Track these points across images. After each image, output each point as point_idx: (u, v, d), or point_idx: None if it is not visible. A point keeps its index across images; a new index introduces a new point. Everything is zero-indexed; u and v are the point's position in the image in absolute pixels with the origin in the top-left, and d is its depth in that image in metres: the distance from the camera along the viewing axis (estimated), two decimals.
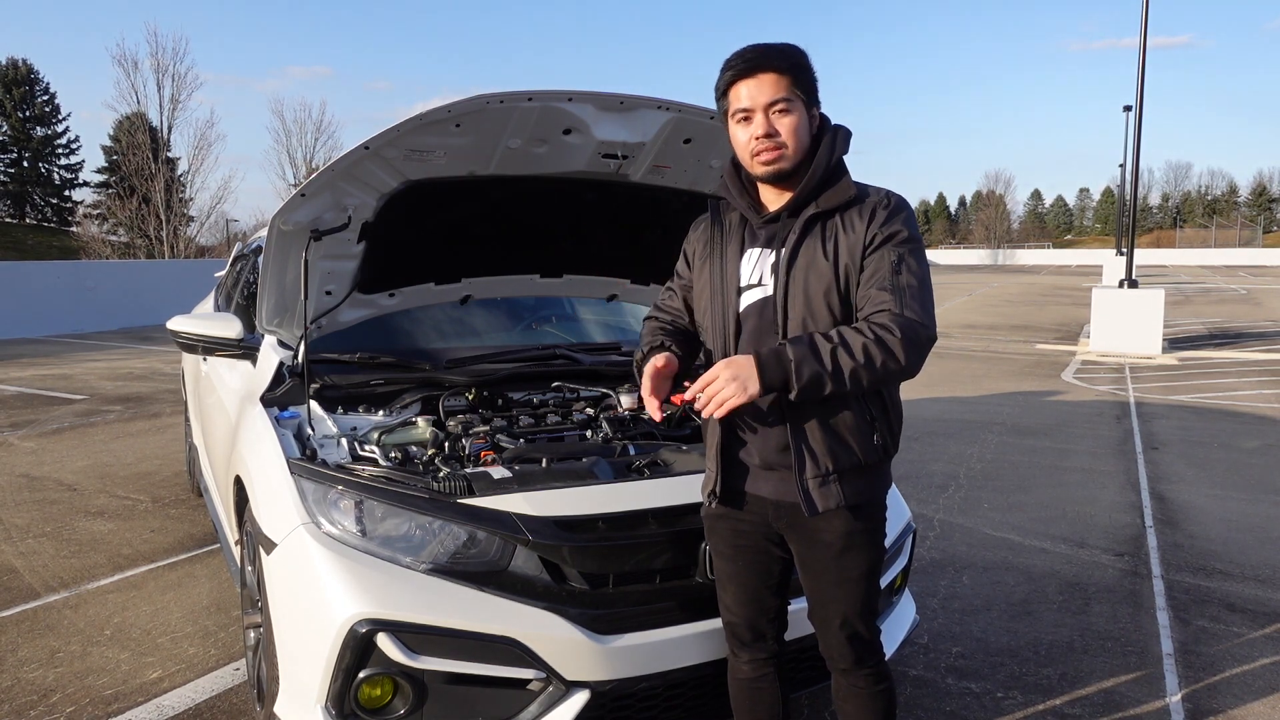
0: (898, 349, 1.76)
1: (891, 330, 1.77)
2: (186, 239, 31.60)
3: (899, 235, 1.85)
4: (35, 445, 6.95)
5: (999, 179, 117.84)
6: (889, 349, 1.76)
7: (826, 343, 1.77)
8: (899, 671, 3.17)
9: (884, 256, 1.83)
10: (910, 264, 1.84)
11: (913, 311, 1.79)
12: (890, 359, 1.76)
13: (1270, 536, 4.68)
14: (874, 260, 1.84)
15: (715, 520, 2.10)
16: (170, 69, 32.86)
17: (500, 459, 2.58)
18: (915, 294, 1.81)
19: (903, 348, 1.76)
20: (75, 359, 12.44)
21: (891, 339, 1.76)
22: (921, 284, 1.83)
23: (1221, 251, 64.03)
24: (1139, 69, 13.61)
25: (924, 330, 1.80)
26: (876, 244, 1.84)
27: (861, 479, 1.92)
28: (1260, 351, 12.45)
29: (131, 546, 4.56)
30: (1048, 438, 7.09)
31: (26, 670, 3.25)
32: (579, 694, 2.17)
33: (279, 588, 2.32)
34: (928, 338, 1.81)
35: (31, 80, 51.62)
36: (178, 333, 3.45)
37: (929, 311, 1.83)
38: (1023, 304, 23.31)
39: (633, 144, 2.91)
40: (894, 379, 1.83)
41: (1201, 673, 3.21)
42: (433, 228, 3.19)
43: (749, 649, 2.13)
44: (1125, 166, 35.24)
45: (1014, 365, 11.48)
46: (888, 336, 1.76)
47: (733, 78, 1.88)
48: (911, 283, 1.82)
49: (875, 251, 1.84)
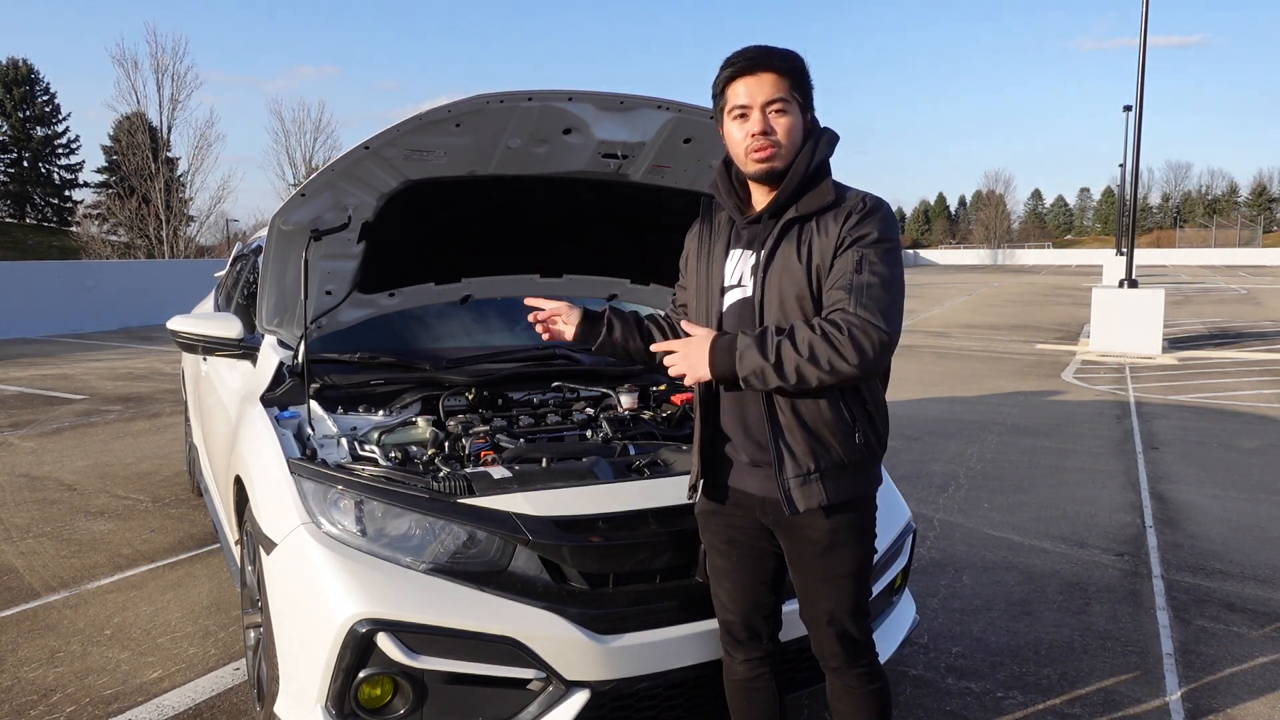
0: (845, 347, 1.74)
1: (840, 328, 1.75)
2: (186, 239, 31.58)
3: (868, 237, 1.83)
4: (35, 445, 6.95)
5: (999, 179, 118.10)
6: (835, 347, 1.74)
7: (776, 335, 1.79)
8: (899, 671, 3.17)
9: (849, 258, 1.82)
10: (873, 263, 1.80)
11: (866, 310, 1.76)
12: (836, 357, 1.74)
13: (1270, 536, 4.68)
14: (840, 261, 1.83)
15: (708, 517, 2.11)
16: (170, 68, 32.81)
17: (500, 459, 2.58)
18: (872, 293, 1.77)
19: (851, 346, 1.74)
20: (75, 359, 12.44)
21: (839, 337, 1.74)
22: (883, 283, 1.79)
23: (1221, 251, 64.01)
24: (1139, 69, 13.62)
25: (875, 330, 1.75)
26: (845, 245, 1.84)
27: (845, 477, 1.91)
28: (1260, 351, 12.45)
29: (131, 546, 4.56)
30: (1048, 437, 7.09)
31: (27, 670, 3.25)
32: (579, 694, 2.17)
33: (279, 587, 2.32)
34: (880, 338, 1.75)
35: (31, 80, 51.61)
36: (178, 333, 3.45)
37: (888, 312, 1.78)
38: (1023, 304, 23.30)
39: (633, 144, 2.91)
40: (847, 378, 1.78)
41: (1201, 672, 3.21)
42: (433, 228, 3.19)
43: (744, 648, 2.14)
44: (1125, 166, 35.27)
45: (1014, 365, 11.48)
46: (834, 334, 1.75)
47: (732, 75, 1.89)
48: (871, 281, 1.78)
49: (843, 253, 1.83)
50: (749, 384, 1.82)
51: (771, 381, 1.79)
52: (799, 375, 1.77)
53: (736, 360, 1.80)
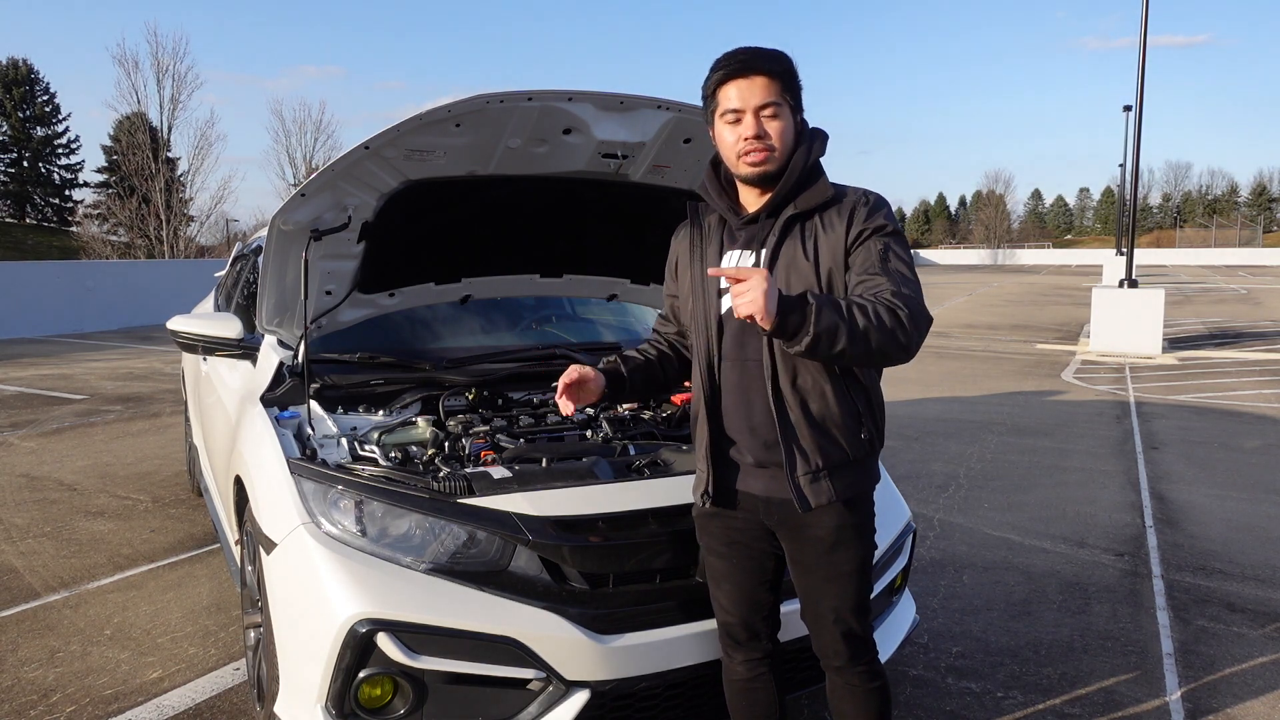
0: (907, 321, 1.74)
1: (900, 306, 1.74)
2: (186, 239, 31.53)
3: (885, 228, 1.87)
4: (35, 445, 6.96)
5: (999, 179, 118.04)
6: (899, 320, 1.73)
7: (842, 301, 1.73)
8: (899, 671, 3.17)
9: (870, 247, 1.85)
10: (897, 251, 1.86)
11: (911, 291, 1.79)
12: (899, 328, 1.73)
13: (1270, 536, 4.68)
14: (861, 252, 1.85)
15: (707, 519, 2.10)
16: (170, 68, 32.80)
17: (500, 459, 2.58)
18: (907, 280, 1.82)
19: (910, 321, 1.74)
20: (75, 359, 12.44)
21: (902, 311, 1.74)
22: (910, 271, 1.85)
23: (1221, 251, 64.03)
24: (1139, 69, 13.63)
25: (922, 310, 1.79)
26: (862, 237, 1.86)
27: (851, 474, 1.93)
28: (1260, 351, 12.45)
29: (131, 546, 4.56)
30: (1048, 437, 7.09)
31: (27, 670, 3.25)
32: (579, 694, 2.17)
33: (279, 587, 2.32)
34: (926, 317, 1.80)
35: (31, 80, 51.61)
36: (178, 333, 3.45)
37: (921, 296, 1.84)
38: (1023, 304, 23.30)
39: (633, 144, 2.91)
40: (893, 353, 1.76)
41: (1201, 672, 3.21)
42: (433, 228, 3.19)
43: (744, 649, 2.13)
44: (1125, 166, 35.26)
45: (1014, 365, 11.48)
46: (898, 310, 1.74)
47: (723, 78, 1.89)
48: (902, 269, 1.83)
49: (861, 244, 1.86)
50: (815, 342, 1.67)
51: (839, 343, 1.68)
52: (864, 340, 1.70)
53: (811, 316, 1.66)
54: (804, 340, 1.67)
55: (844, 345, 1.68)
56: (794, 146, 1.91)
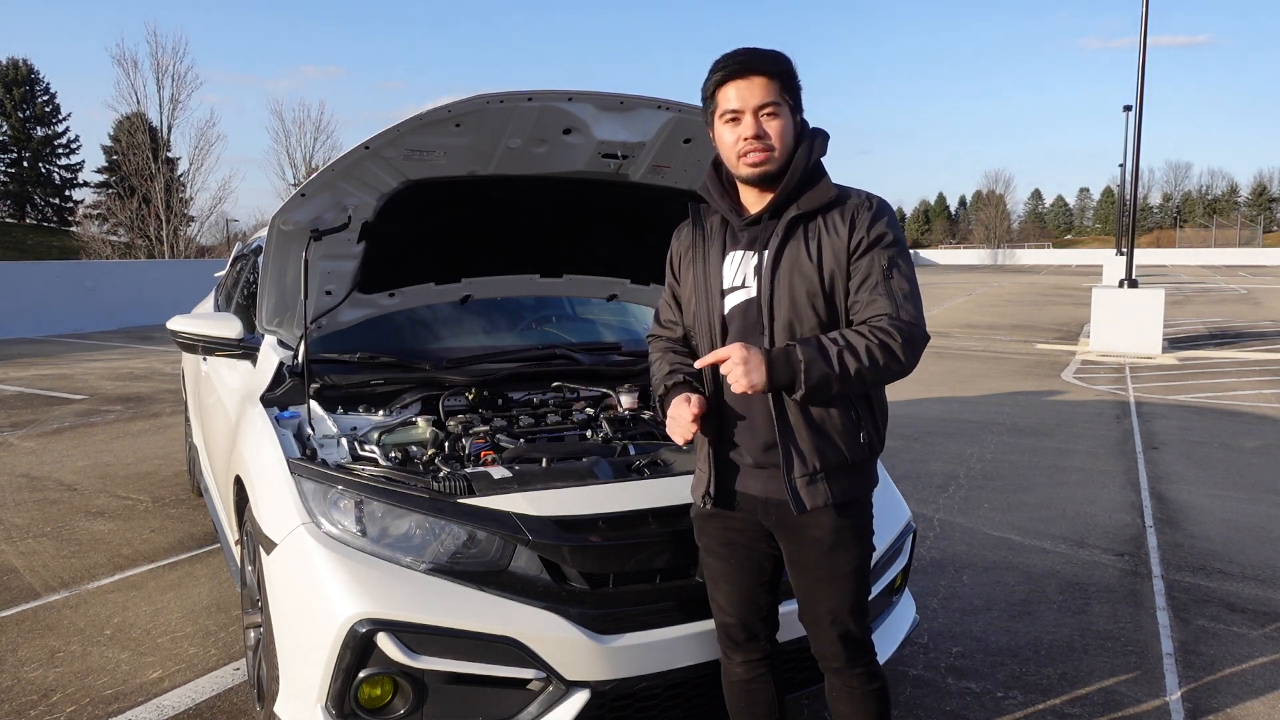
0: (900, 351, 1.82)
1: (893, 335, 1.82)
2: (186, 239, 31.53)
3: (885, 238, 1.89)
4: (35, 445, 6.96)
5: (999, 179, 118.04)
6: (892, 352, 1.82)
7: (833, 345, 1.80)
8: (899, 671, 3.17)
9: (874, 261, 1.87)
10: (900, 267, 1.89)
11: (909, 314, 1.86)
12: (893, 361, 1.82)
13: (1270, 536, 4.68)
14: (863, 265, 1.88)
15: (706, 520, 2.10)
16: (170, 68, 32.76)
17: (500, 459, 2.58)
18: (909, 297, 1.88)
19: (904, 350, 1.83)
20: (75, 359, 12.44)
21: (894, 343, 1.82)
22: (912, 287, 1.90)
23: (1221, 251, 64.02)
24: (1139, 69, 13.63)
25: (919, 331, 1.87)
26: (864, 248, 1.87)
27: (848, 477, 1.94)
28: (1260, 351, 12.45)
29: (131, 546, 4.56)
30: (1048, 437, 7.09)
31: (27, 670, 3.25)
32: (579, 694, 2.17)
33: (279, 587, 2.32)
34: (923, 338, 1.88)
35: (31, 80, 51.62)
36: (178, 333, 3.45)
37: (921, 313, 1.90)
38: (1023, 304, 23.31)
39: (633, 144, 2.91)
40: (889, 378, 1.88)
41: (1201, 672, 3.21)
42: (433, 228, 3.19)
43: (742, 650, 2.13)
44: (1125, 166, 35.26)
45: (1014, 365, 11.48)
46: (890, 341, 1.82)
47: (722, 79, 1.89)
48: (904, 287, 1.88)
49: (863, 256, 1.88)
50: (810, 394, 1.81)
51: (834, 390, 1.82)
52: (858, 380, 1.82)
53: (801, 373, 1.78)
54: (798, 395, 1.82)
55: (838, 389, 1.82)
56: (794, 146, 1.91)
